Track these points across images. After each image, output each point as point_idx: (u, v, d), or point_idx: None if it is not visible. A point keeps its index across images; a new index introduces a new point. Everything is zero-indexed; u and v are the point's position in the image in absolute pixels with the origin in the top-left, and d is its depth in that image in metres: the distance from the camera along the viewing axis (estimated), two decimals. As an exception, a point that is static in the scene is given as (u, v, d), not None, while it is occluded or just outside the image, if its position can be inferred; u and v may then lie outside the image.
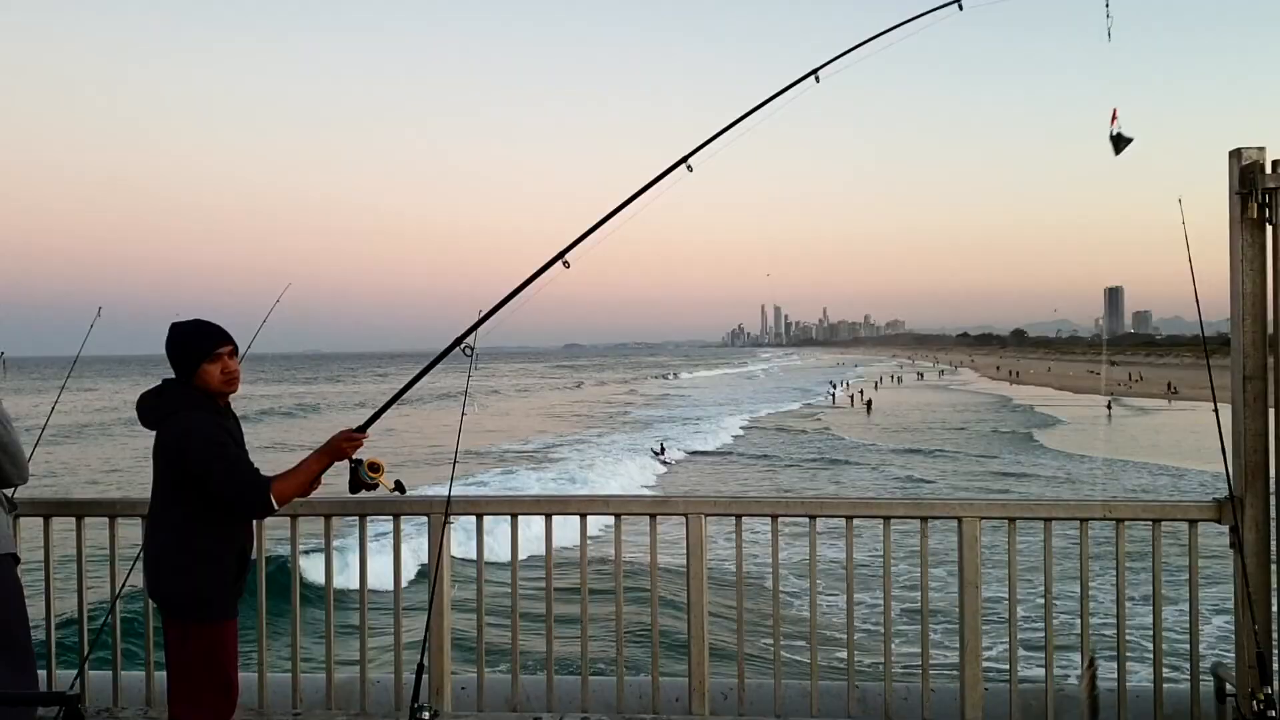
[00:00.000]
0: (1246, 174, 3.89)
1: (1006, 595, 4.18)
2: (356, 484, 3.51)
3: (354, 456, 3.49)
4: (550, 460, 36.41)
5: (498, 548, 5.11)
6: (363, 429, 3.52)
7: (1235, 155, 3.93)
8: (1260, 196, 3.86)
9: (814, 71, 3.69)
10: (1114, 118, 3.99)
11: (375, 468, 3.49)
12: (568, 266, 3.58)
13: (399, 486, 3.64)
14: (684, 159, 3.63)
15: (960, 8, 3.70)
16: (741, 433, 49.35)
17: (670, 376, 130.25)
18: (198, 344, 3.37)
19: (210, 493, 3.29)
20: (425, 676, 3.83)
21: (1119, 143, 4.03)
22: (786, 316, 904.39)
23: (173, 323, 3.42)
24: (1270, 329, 3.93)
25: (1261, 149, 3.90)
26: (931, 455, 39.03)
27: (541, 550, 4.27)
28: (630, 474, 31.81)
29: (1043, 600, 4.13)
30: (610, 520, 4.35)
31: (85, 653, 4.25)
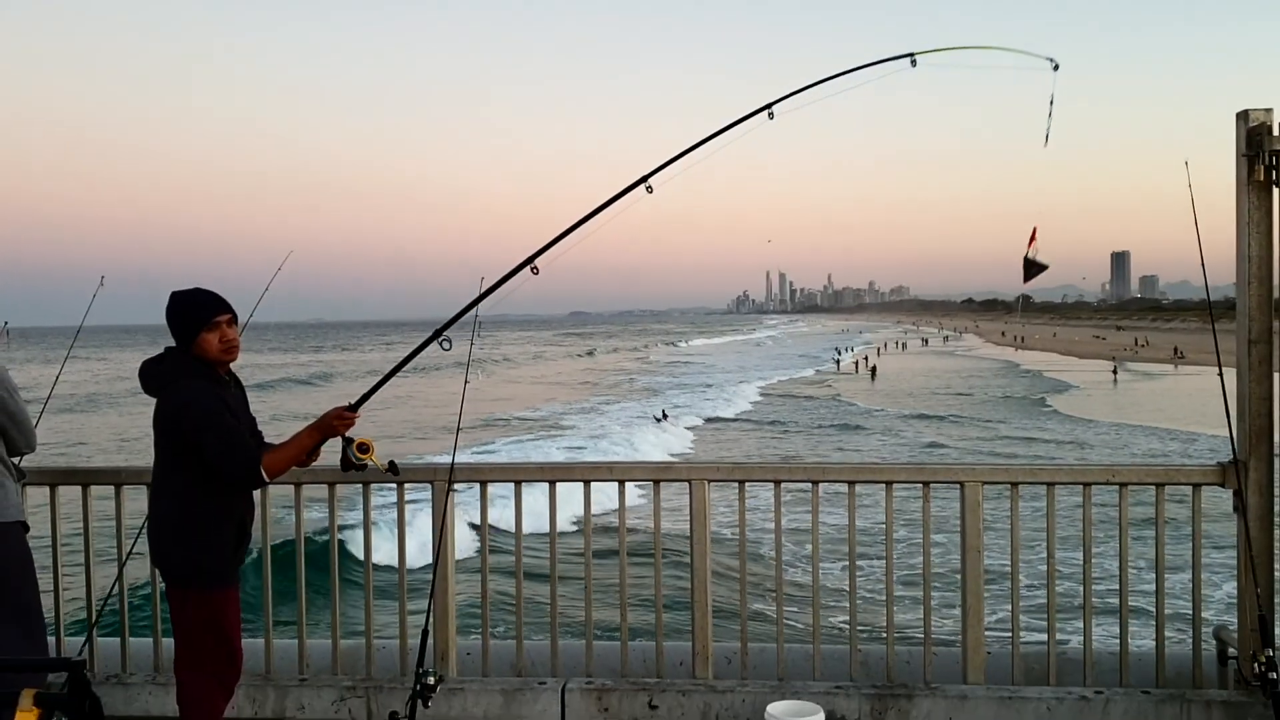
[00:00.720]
0: (1253, 136, 3.84)
1: (1008, 560, 4.18)
2: (346, 463, 3.57)
3: (345, 435, 3.51)
4: (562, 428, 36.47)
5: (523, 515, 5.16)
6: (354, 408, 3.53)
7: (1242, 117, 3.88)
8: (1267, 158, 3.81)
9: (768, 106, 3.73)
10: (1033, 238, 3.94)
11: (364, 448, 3.53)
12: (536, 273, 3.63)
13: (393, 467, 3.70)
14: (644, 179, 3.69)
15: (914, 64, 3.73)
16: (759, 398, 49.44)
17: (681, 344, 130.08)
18: (196, 313, 3.37)
19: (206, 462, 3.31)
20: (430, 642, 3.86)
21: (1030, 269, 3.97)
22: (791, 283, 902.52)
23: (172, 291, 3.43)
24: (1276, 292, 3.91)
25: (1269, 110, 3.84)
26: (940, 420, 39.04)
27: (562, 517, 4.31)
28: (663, 442, 31.70)
29: (1045, 566, 4.13)
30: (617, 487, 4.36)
31: (93, 619, 4.29)
